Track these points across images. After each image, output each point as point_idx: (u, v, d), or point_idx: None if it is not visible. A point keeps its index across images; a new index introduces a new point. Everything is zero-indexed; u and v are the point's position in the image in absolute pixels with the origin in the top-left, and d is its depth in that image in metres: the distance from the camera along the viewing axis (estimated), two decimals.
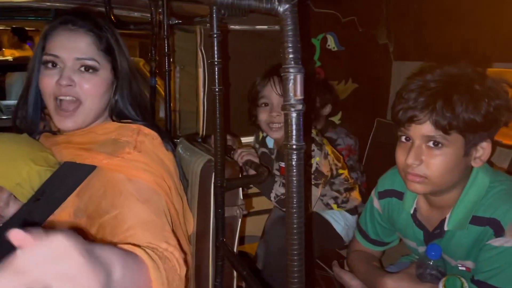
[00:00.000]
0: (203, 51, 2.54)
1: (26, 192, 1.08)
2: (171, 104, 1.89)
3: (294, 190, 0.71)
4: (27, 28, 5.78)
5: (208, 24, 1.04)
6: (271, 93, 1.71)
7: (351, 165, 2.14)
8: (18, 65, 4.98)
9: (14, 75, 5.45)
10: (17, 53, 5.58)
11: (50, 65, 1.11)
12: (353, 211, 1.89)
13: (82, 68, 1.11)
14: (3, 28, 5.68)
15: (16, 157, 1.07)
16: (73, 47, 1.11)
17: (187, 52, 2.52)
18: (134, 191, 1.01)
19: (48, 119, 1.24)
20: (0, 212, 1.07)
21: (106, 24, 1.18)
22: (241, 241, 2.25)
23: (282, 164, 1.80)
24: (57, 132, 1.24)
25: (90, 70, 1.12)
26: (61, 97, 1.10)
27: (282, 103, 0.71)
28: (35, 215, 1.06)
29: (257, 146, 1.98)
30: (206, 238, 1.19)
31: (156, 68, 1.97)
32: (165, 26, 1.56)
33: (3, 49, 5.76)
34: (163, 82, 1.89)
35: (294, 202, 0.71)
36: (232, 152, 1.54)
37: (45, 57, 1.11)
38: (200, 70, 2.58)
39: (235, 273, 1.21)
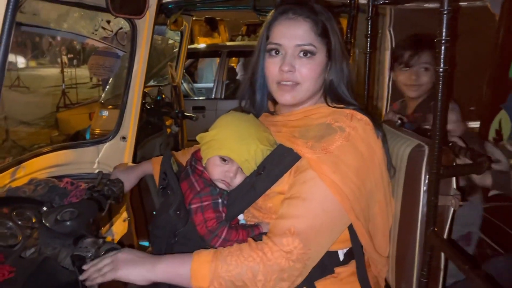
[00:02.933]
0: (391, 33, 2.44)
1: (250, 167, 1.21)
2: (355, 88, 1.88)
3: None
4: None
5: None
6: None
7: None
8: (209, 51, 5.59)
9: (205, 61, 6.15)
10: (208, 41, 6.25)
11: (273, 52, 1.20)
12: None
13: (301, 54, 1.18)
14: (195, 19, 6.42)
15: (247, 137, 1.20)
16: (293, 35, 1.17)
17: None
18: (311, 195, 1.09)
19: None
20: (229, 181, 1.23)
21: (321, 9, 1.21)
22: None
23: None
24: (274, 112, 1.35)
25: (308, 55, 1.18)
26: (283, 82, 1.19)
27: None
28: (257, 186, 1.18)
29: None
30: (413, 227, 1.15)
31: (350, 51, 1.97)
32: (370, 7, 1.53)
33: (198, 37, 6.50)
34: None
35: None
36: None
37: (269, 46, 1.21)
38: (387, 53, 2.49)
39: (442, 265, 1.15)
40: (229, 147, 1.21)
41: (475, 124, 2.07)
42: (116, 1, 1.52)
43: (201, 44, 5.98)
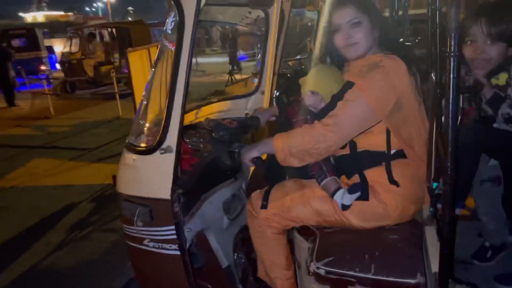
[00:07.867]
0: None
1: (328, 98, 1.93)
2: None
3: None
4: None
5: None
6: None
7: None
8: None
9: None
10: None
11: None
12: None
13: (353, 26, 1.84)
14: None
15: (326, 78, 1.95)
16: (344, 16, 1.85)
17: None
18: (354, 98, 1.74)
19: None
20: (318, 106, 1.97)
21: None
22: None
23: None
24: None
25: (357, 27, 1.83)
26: (345, 47, 1.88)
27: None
28: (331, 106, 1.88)
29: None
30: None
31: None
32: None
33: None
34: None
35: None
36: None
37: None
38: None
39: None
40: (316, 85, 1.95)
41: None
42: None
43: None
